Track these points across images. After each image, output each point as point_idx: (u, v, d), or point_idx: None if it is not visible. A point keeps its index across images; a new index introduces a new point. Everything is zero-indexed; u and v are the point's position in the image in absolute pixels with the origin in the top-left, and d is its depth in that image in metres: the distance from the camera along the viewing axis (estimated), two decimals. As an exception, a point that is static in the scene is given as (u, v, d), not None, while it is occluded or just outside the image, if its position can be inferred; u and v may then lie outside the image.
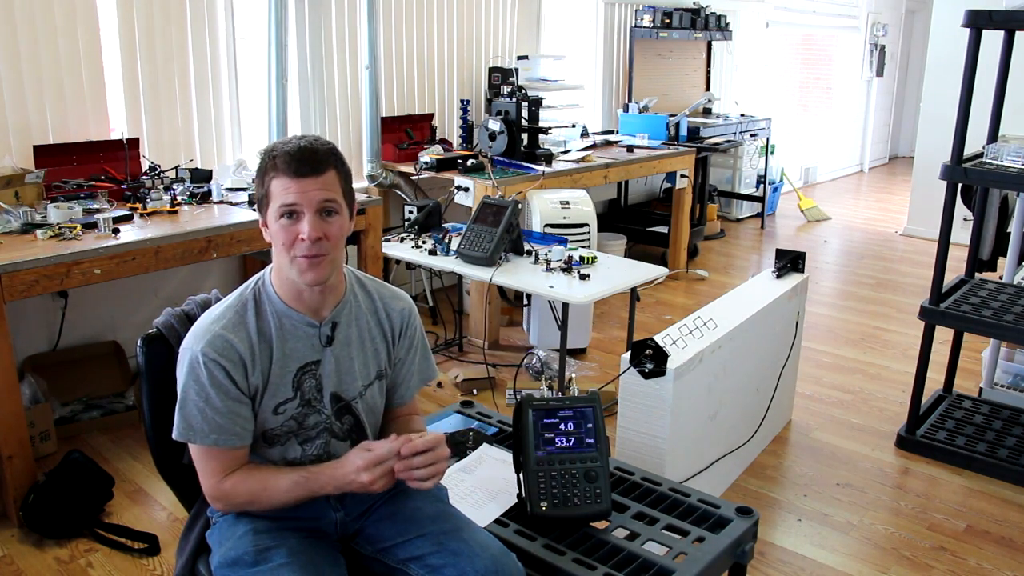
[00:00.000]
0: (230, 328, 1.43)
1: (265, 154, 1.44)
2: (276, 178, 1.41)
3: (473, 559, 1.42)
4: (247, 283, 1.52)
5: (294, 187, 1.40)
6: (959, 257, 3.53)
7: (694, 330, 2.53)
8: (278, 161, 1.41)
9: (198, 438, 1.42)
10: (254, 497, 1.46)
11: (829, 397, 3.65)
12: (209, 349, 1.41)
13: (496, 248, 3.13)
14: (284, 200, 1.41)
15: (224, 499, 1.47)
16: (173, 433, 1.44)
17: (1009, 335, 2.94)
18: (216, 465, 1.45)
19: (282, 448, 1.51)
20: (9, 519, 2.55)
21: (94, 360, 3.37)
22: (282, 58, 3.71)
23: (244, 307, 1.47)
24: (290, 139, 1.44)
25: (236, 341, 1.42)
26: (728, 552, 1.60)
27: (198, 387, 1.42)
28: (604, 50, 6.00)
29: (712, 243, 6.40)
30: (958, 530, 2.66)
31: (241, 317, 1.46)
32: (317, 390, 1.52)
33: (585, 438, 1.66)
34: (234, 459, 1.46)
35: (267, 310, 1.48)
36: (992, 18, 2.78)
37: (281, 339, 1.47)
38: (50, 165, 3.08)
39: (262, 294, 1.50)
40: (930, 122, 6.47)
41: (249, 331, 1.45)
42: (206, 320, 1.45)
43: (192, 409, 1.42)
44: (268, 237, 1.48)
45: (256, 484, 1.46)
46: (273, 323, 1.48)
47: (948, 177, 2.94)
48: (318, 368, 1.51)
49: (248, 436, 1.47)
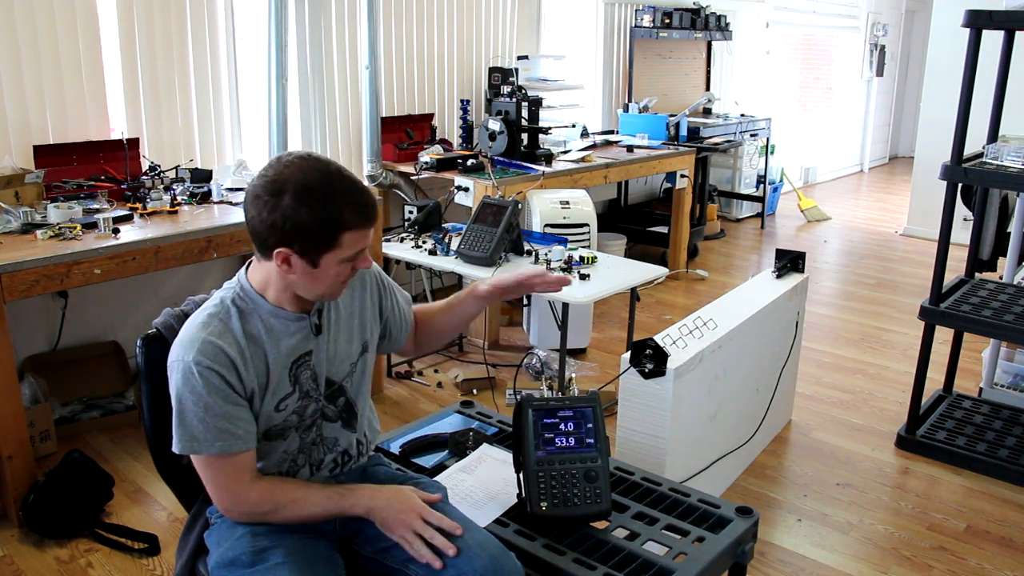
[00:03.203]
0: (217, 334, 1.41)
1: (324, 203, 1.36)
2: (349, 232, 1.40)
3: (472, 559, 1.42)
4: (219, 292, 1.50)
5: (366, 236, 1.44)
6: (959, 257, 3.53)
7: (694, 330, 2.53)
8: (346, 214, 1.38)
9: (203, 448, 1.40)
10: (280, 511, 1.45)
11: (829, 397, 3.65)
12: (201, 356, 1.39)
13: (496, 248, 3.13)
14: (358, 248, 1.43)
15: (247, 512, 1.45)
16: (175, 447, 1.42)
17: (1009, 335, 2.94)
18: (227, 474, 1.43)
19: (283, 442, 1.51)
20: (9, 519, 2.55)
21: (94, 360, 3.37)
22: (282, 58, 3.71)
23: (227, 314, 1.45)
24: (342, 181, 1.40)
25: (225, 346, 1.41)
26: (728, 552, 1.60)
27: (195, 397, 1.39)
28: (604, 50, 6.00)
29: (712, 243, 6.40)
30: (958, 530, 2.66)
31: (226, 324, 1.44)
32: (313, 379, 1.52)
33: (585, 438, 1.66)
34: (243, 465, 1.44)
35: (252, 314, 1.47)
36: (992, 18, 2.78)
37: (272, 339, 1.47)
38: (50, 165, 3.08)
39: (243, 300, 1.48)
40: (930, 122, 6.47)
41: (236, 336, 1.44)
42: (190, 330, 1.43)
43: (192, 420, 1.39)
44: (294, 269, 1.41)
45: (285, 496, 1.46)
46: (261, 325, 1.47)
47: (948, 177, 2.94)
48: (311, 358, 1.52)
49: (252, 439, 1.45)
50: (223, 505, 1.46)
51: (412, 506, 1.47)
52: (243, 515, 1.47)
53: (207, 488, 1.47)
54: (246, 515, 1.47)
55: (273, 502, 1.45)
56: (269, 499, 1.45)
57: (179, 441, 1.41)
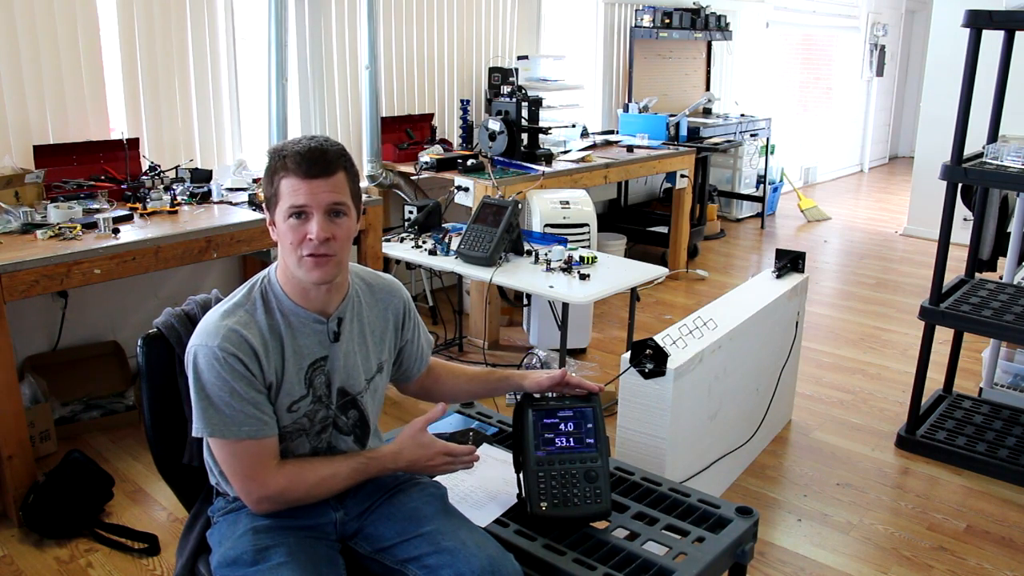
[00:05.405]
0: (243, 324, 1.43)
1: (275, 153, 1.44)
2: (286, 178, 1.41)
3: (470, 559, 1.42)
4: (251, 282, 1.52)
5: (304, 188, 1.40)
6: (959, 257, 3.53)
7: (694, 330, 2.53)
8: (288, 161, 1.41)
9: (231, 432, 1.40)
10: (311, 491, 1.47)
11: (829, 397, 3.65)
12: (226, 343, 1.40)
13: (496, 248, 3.13)
14: (294, 201, 1.41)
15: (276, 499, 1.45)
16: (198, 432, 1.41)
17: (1009, 335, 2.94)
18: (253, 460, 1.43)
19: (292, 444, 1.51)
20: (9, 519, 2.55)
21: (94, 360, 3.37)
22: (282, 58, 3.71)
23: (253, 305, 1.47)
24: (300, 139, 1.44)
25: (249, 336, 1.42)
26: (728, 552, 1.60)
27: (220, 382, 1.39)
28: (604, 50, 6.00)
29: (712, 243, 6.40)
30: (958, 530, 2.66)
31: (251, 314, 1.46)
32: (326, 386, 1.53)
33: (585, 438, 1.66)
34: (268, 450, 1.44)
35: (275, 308, 1.49)
36: (992, 18, 2.78)
37: (291, 336, 1.48)
38: (50, 165, 3.08)
39: (269, 292, 1.50)
40: (930, 122, 6.47)
41: (260, 327, 1.45)
42: (215, 317, 1.44)
43: (218, 404, 1.40)
44: (275, 236, 1.47)
45: (314, 476, 1.47)
46: (282, 320, 1.48)
47: (948, 177, 2.94)
48: (326, 364, 1.52)
49: (275, 426, 1.46)
50: (252, 495, 1.45)
51: (432, 452, 1.55)
52: (271, 503, 1.45)
53: (231, 479, 1.46)
54: (273, 502, 1.45)
55: (304, 485, 1.46)
56: (299, 482, 1.45)
57: (206, 426, 1.40)
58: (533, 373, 1.75)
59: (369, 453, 1.55)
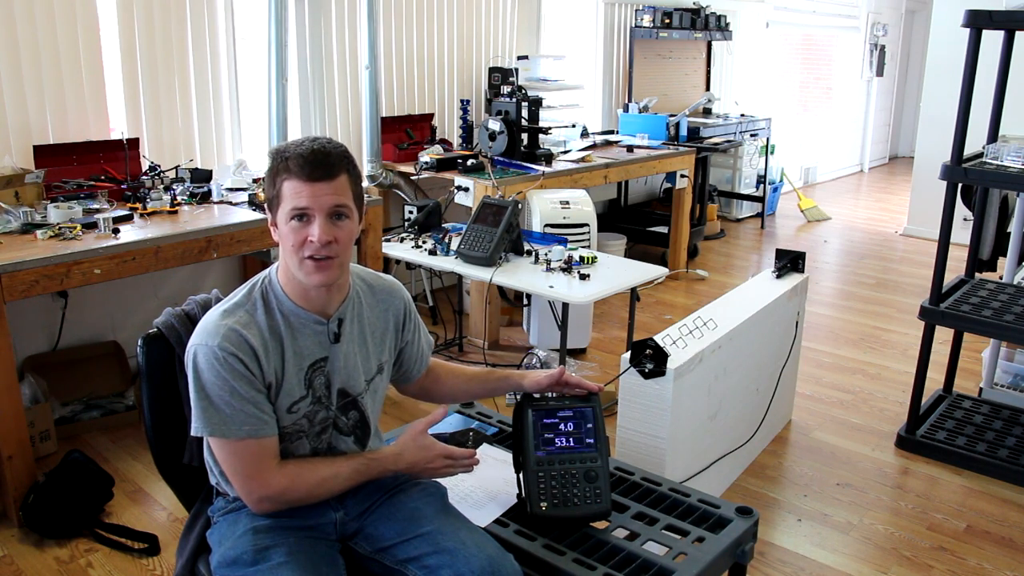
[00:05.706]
0: (243, 324, 1.43)
1: (277, 154, 1.43)
2: (288, 180, 1.41)
3: (469, 559, 1.42)
4: (251, 282, 1.52)
5: (306, 191, 1.40)
6: (959, 257, 3.53)
7: (694, 330, 2.53)
8: (291, 163, 1.40)
9: (231, 431, 1.40)
10: (311, 492, 1.47)
11: (829, 397, 3.65)
12: (226, 343, 1.40)
13: (496, 248, 3.13)
14: (296, 203, 1.41)
15: (276, 498, 1.45)
16: (198, 431, 1.41)
17: (1009, 335, 2.94)
18: (254, 460, 1.43)
19: (292, 446, 1.51)
20: (9, 519, 2.55)
21: (94, 360, 3.37)
22: (282, 58, 3.70)
23: (253, 305, 1.47)
24: (303, 140, 1.43)
25: (250, 336, 1.42)
26: (728, 552, 1.60)
27: (220, 382, 1.39)
28: (604, 50, 6.00)
29: (712, 243, 6.40)
30: (958, 530, 2.66)
31: (251, 315, 1.46)
32: (326, 387, 1.53)
33: (585, 438, 1.66)
34: (268, 450, 1.44)
35: (275, 308, 1.49)
36: (992, 18, 2.78)
37: (291, 337, 1.48)
38: (50, 165, 3.08)
39: (269, 293, 1.50)
40: (930, 122, 6.47)
41: (260, 328, 1.45)
42: (214, 317, 1.44)
43: (218, 403, 1.40)
44: (276, 237, 1.47)
45: (314, 476, 1.47)
46: (282, 321, 1.48)
47: (948, 177, 2.94)
48: (327, 365, 1.52)
49: (276, 426, 1.46)
50: (253, 495, 1.45)
51: (432, 455, 1.55)
52: (272, 503, 1.45)
53: (232, 479, 1.46)
54: (274, 502, 1.45)
55: (305, 485, 1.45)
56: (300, 482, 1.45)
57: (206, 425, 1.40)
58: (532, 373, 1.75)
59: (370, 454, 1.55)
